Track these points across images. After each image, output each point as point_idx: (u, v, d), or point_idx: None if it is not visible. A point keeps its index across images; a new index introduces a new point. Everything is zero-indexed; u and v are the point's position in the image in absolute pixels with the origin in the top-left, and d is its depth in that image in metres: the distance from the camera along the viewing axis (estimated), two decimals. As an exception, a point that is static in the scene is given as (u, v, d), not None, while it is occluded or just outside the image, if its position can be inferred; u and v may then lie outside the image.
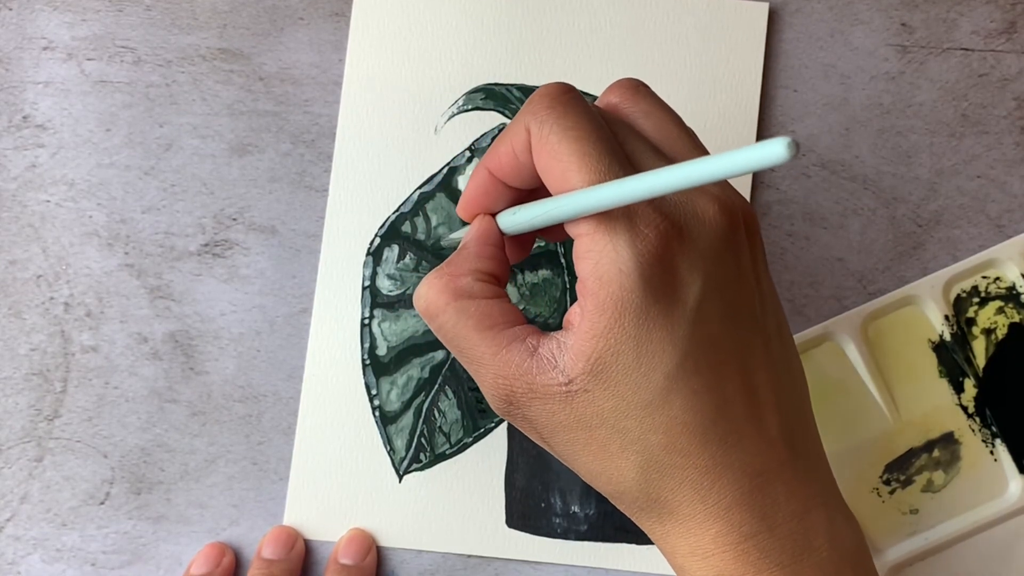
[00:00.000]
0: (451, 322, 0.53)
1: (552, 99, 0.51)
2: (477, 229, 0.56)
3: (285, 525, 0.72)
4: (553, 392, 0.50)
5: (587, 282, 0.49)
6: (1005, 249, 0.73)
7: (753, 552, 0.51)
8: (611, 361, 0.49)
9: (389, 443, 0.72)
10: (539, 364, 0.51)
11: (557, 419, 0.51)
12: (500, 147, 0.54)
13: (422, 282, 0.54)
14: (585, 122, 0.50)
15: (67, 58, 0.74)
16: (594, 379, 0.49)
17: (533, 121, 0.51)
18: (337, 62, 0.74)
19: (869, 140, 0.74)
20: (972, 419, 0.72)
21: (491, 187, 0.56)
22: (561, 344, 0.50)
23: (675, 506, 0.51)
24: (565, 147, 0.50)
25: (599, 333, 0.49)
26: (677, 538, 0.52)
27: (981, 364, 0.72)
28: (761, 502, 0.51)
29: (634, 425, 0.50)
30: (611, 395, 0.49)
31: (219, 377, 0.72)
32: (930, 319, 0.73)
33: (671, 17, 0.74)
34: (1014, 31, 0.75)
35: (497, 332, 0.52)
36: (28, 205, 0.73)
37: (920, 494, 0.71)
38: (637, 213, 0.49)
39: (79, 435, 0.72)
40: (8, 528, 0.72)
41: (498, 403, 0.53)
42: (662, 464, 0.50)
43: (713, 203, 0.51)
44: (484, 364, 0.52)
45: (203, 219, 0.73)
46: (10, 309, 0.72)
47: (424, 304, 0.54)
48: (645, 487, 0.51)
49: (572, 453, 0.52)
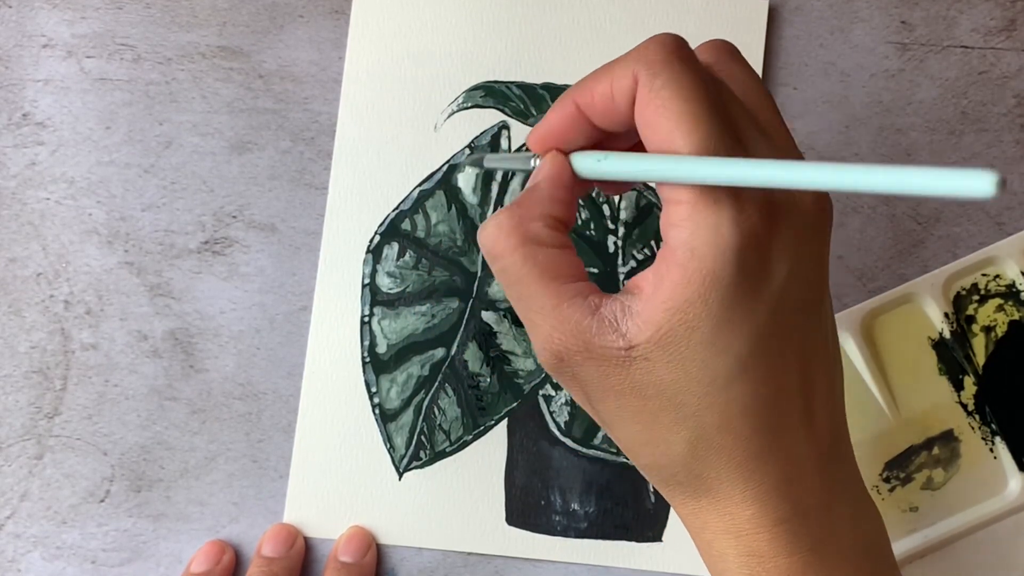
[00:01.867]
0: (516, 266, 0.50)
1: (669, 51, 0.48)
2: (552, 168, 0.53)
3: (285, 523, 0.72)
4: (611, 355, 0.49)
5: (677, 252, 0.47)
6: (1005, 247, 0.73)
7: (785, 535, 0.51)
8: (684, 335, 0.47)
9: (389, 441, 0.72)
10: (599, 324, 0.49)
11: (610, 383, 0.50)
12: (597, 85, 0.51)
13: (491, 219, 0.51)
14: (699, 83, 0.48)
15: (67, 56, 0.74)
16: (660, 349, 0.48)
17: (645, 71, 0.48)
18: (337, 60, 0.74)
19: (869, 138, 0.74)
20: (972, 417, 0.72)
21: (574, 122, 0.52)
22: (626, 308, 0.49)
23: (715, 484, 0.51)
24: (676, 106, 0.47)
25: (679, 306, 0.47)
26: (710, 515, 0.52)
27: (981, 362, 0.72)
28: (798, 489, 0.51)
29: (693, 401, 0.49)
30: (674, 368, 0.48)
31: (219, 375, 0.73)
32: (930, 317, 0.73)
33: (671, 14, 0.74)
34: (1014, 29, 0.75)
35: (561, 284, 0.50)
36: (28, 203, 0.73)
37: (920, 492, 0.71)
38: (743, 189, 0.47)
39: (79, 433, 0.72)
40: (8, 526, 0.72)
41: (548, 358, 0.51)
42: (712, 444, 0.49)
43: (810, 194, 0.49)
44: (542, 316, 0.50)
45: (203, 217, 0.73)
46: (10, 307, 0.72)
47: (492, 243, 0.51)
48: (690, 463, 0.50)
49: (619, 420, 0.51)
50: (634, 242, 0.73)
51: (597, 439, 0.73)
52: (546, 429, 0.72)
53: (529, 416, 0.73)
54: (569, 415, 0.73)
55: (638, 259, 0.73)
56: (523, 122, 0.74)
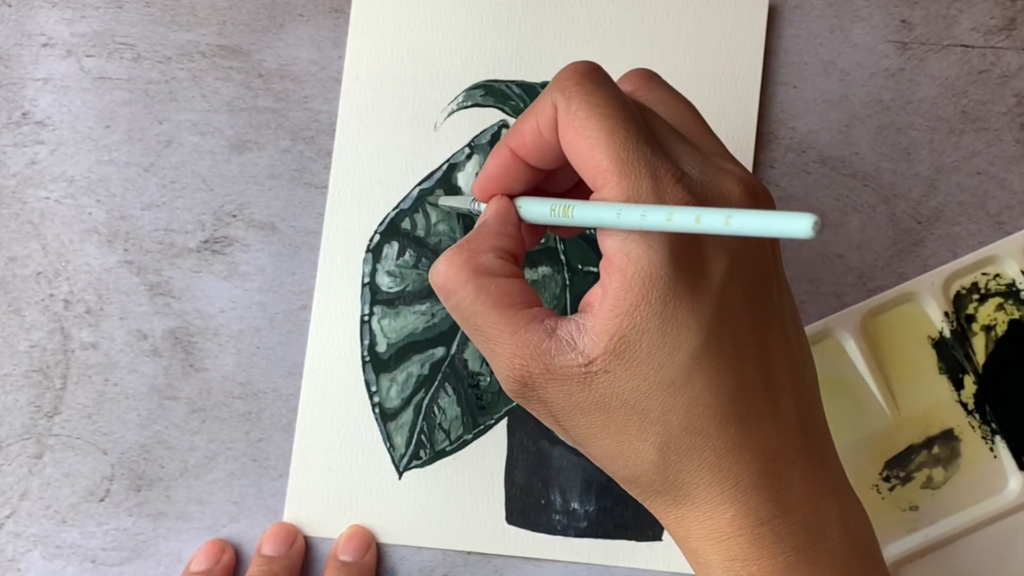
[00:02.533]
0: (469, 299, 0.52)
1: (580, 75, 0.51)
2: (497, 207, 0.55)
3: (285, 522, 0.72)
4: (572, 373, 0.50)
5: (614, 259, 0.49)
6: (1005, 246, 0.73)
7: (768, 536, 0.51)
8: (635, 339, 0.48)
9: (389, 440, 0.72)
10: (558, 345, 0.50)
11: (574, 401, 0.50)
12: (524, 124, 0.53)
13: (441, 257, 0.53)
14: (613, 100, 0.50)
15: (66, 55, 0.74)
16: (616, 359, 0.49)
17: (560, 97, 0.50)
18: (337, 58, 0.74)
19: (869, 137, 0.74)
20: (972, 416, 0.72)
21: (512, 167, 0.55)
22: (580, 326, 0.50)
23: (692, 489, 0.51)
24: (593, 123, 0.49)
25: (624, 311, 0.48)
26: (692, 522, 0.52)
27: (981, 361, 0.72)
28: (776, 486, 0.51)
29: (655, 406, 0.49)
30: (633, 375, 0.49)
31: (219, 374, 0.72)
32: (930, 316, 0.73)
33: (671, 14, 0.74)
34: (1014, 28, 0.75)
35: (516, 311, 0.51)
36: (28, 202, 0.73)
37: (920, 491, 0.71)
38: (665, 191, 0.48)
39: (79, 432, 0.72)
40: (8, 525, 0.72)
41: (512, 385, 0.52)
42: (681, 446, 0.50)
43: (738, 184, 0.50)
44: (500, 343, 0.51)
45: (203, 216, 0.73)
46: (10, 306, 0.72)
47: (443, 280, 0.53)
48: (663, 469, 0.51)
49: (589, 436, 0.52)
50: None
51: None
52: (546, 428, 0.72)
53: (529, 415, 0.72)
54: (569, 414, 0.73)
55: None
56: (523, 121, 0.74)
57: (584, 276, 0.73)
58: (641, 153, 0.49)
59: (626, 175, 0.48)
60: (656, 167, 0.49)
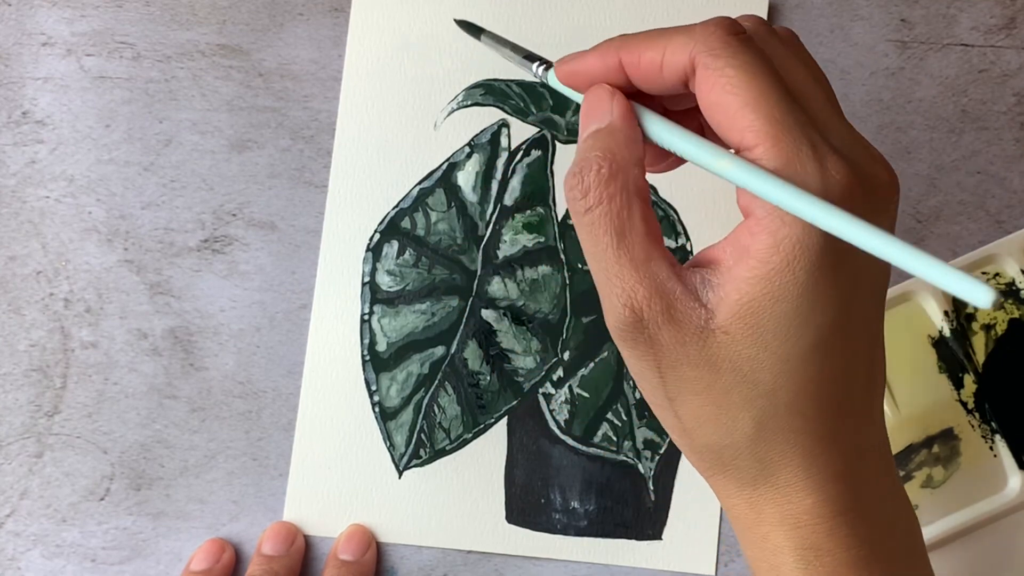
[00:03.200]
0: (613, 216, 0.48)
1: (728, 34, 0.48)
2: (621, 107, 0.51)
3: (285, 521, 0.72)
4: (691, 323, 0.47)
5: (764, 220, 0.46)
6: (1005, 245, 0.73)
7: (843, 528, 0.50)
8: (768, 307, 0.46)
9: (389, 439, 0.72)
10: (684, 289, 0.47)
11: (685, 352, 0.48)
12: (647, 50, 0.49)
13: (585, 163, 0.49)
14: (761, 63, 0.47)
15: (66, 54, 0.74)
16: (741, 322, 0.47)
17: (705, 53, 0.47)
18: (336, 58, 0.74)
19: (869, 135, 0.74)
20: (972, 415, 0.72)
21: (611, 72, 0.51)
22: (705, 280, 0.47)
23: (777, 469, 0.50)
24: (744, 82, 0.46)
25: (764, 274, 0.46)
26: (768, 504, 0.50)
27: (981, 360, 0.72)
28: (858, 479, 0.50)
29: (768, 378, 0.47)
30: (754, 342, 0.47)
31: (219, 373, 0.73)
32: (930, 315, 0.72)
33: (670, 13, 0.74)
34: (1014, 27, 0.75)
35: (651, 242, 0.48)
36: (28, 201, 0.73)
37: (920, 490, 0.71)
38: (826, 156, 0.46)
39: (79, 431, 0.72)
40: (8, 524, 0.72)
41: (628, 315, 0.48)
42: (781, 425, 0.48)
43: (885, 170, 0.48)
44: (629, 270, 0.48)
45: (203, 215, 0.73)
46: (10, 305, 0.72)
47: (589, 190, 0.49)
48: (755, 445, 0.49)
49: (687, 392, 0.49)
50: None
51: (597, 437, 0.73)
52: (546, 427, 0.72)
53: (529, 414, 0.73)
54: (569, 413, 0.73)
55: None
56: (523, 120, 0.74)
57: (584, 275, 0.73)
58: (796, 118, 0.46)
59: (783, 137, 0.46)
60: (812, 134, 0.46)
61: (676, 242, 0.73)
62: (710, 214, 0.73)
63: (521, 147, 0.74)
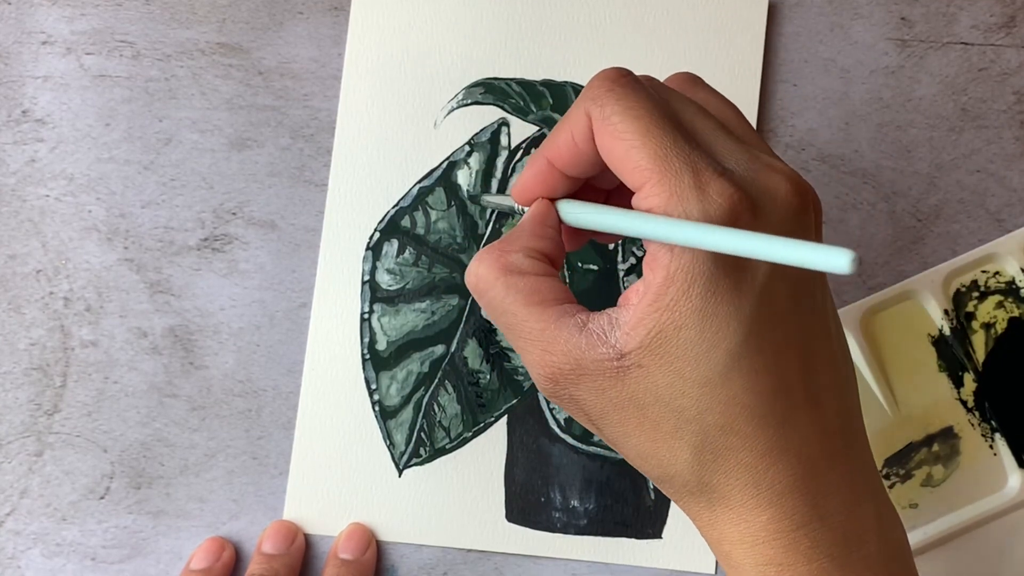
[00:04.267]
0: (500, 296, 0.52)
1: (611, 81, 0.50)
2: (535, 211, 0.55)
3: (285, 519, 0.72)
4: (603, 368, 0.49)
5: (658, 254, 0.48)
6: (1005, 243, 0.73)
7: (804, 541, 0.50)
8: (672, 334, 0.48)
9: (389, 438, 0.72)
10: (588, 339, 0.49)
11: (607, 396, 0.50)
12: (559, 136, 0.53)
13: (474, 258, 0.53)
14: (645, 101, 0.49)
15: (66, 52, 0.74)
16: (650, 353, 0.48)
17: (593, 105, 0.50)
18: (336, 56, 0.74)
19: (869, 134, 0.74)
20: (972, 413, 0.72)
21: (549, 176, 0.54)
22: (613, 320, 0.49)
23: (727, 491, 0.50)
24: (628, 125, 0.49)
25: (665, 305, 0.47)
26: (726, 524, 0.51)
27: (981, 358, 0.72)
28: (814, 490, 0.50)
29: (690, 404, 0.48)
30: (668, 371, 0.48)
31: (219, 372, 0.73)
32: (930, 313, 0.73)
33: (670, 11, 0.74)
34: (1014, 25, 0.75)
35: (545, 308, 0.51)
36: (27, 200, 0.73)
37: (919, 488, 0.71)
38: (708, 183, 0.47)
39: (79, 430, 0.72)
40: (8, 523, 0.72)
41: (544, 382, 0.51)
42: (717, 446, 0.49)
43: (786, 182, 0.49)
44: (531, 340, 0.51)
45: (202, 214, 0.73)
46: (10, 304, 0.72)
47: (475, 279, 0.53)
48: (698, 470, 0.50)
49: (622, 435, 0.51)
50: (633, 239, 0.73)
51: (597, 436, 0.73)
52: (546, 426, 0.72)
53: (529, 413, 0.73)
54: (569, 412, 0.73)
55: (637, 255, 0.73)
56: (522, 118, 0.74)
57: (584, 274, 0.73)
58: (679, 149, 0.48)
59: (666, 172, 0.48)
60: (696, 162, 0.48)
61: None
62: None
63: (521, 146, 0.74)
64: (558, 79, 0.74)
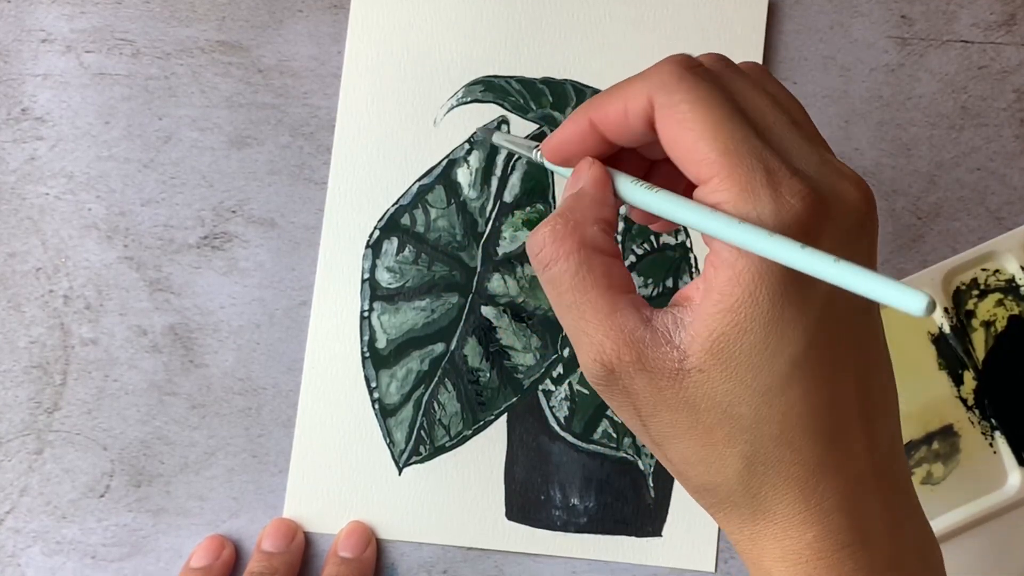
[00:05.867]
0: (571, 272, 0.49)
1: (682, 69, 0.48)
2: (594, 173, 0.52)
3: (285, 517, 0.72)
4: (664, 367, 0.47)
5: (722, 252, 0.46)
6: (1004, 241, 0.73)
7: (848, 563, 0.49)
8: (736, 339, 0.46)
9: (389, 436, 0.72)
10: (653, 335, 0.47)
11: (662, 396, 0.48)
12: (610, 104, 0.50)
13: (542, 224, 0.50)
14: (716, 93, 0.47)
15: (66, 50, 0.74)
16: (713, 357, 0.46)
17: (660, 92, 0.48)
18: (336, 54, 0.74)
19: (869, 132, 0.74)
20: (971, 411, 0.72)
21: (587, 136, 0.52)
22: (677, 319, 0.47)
23: (773, 504, 0.49)
24: (698, 115, 0.46)
25: (729, 307, 0.46)
26: (768, 540, 0.50)
27: (980, 356, 0.72)
28: (860, 510, 0.49)
29: (748, 412, 0.47)
30: (728, 377, 0.46)
31: (218, 370, 0.73)
32: (929, 311, 0.73)
33: (670, 8, 0.74)
34: (1014, 23, 0.75)
35: (615, 294, 0.49)
36: (27, 198, 0.73)
37: (920, 486, 0.71)
38: (781, 182, 0.45)
39: (79, 428, 0.72)
40: (8, 521, 0.72)
41: (599, 369, 0.49)
42: (770, 457, 0.48)
43: (856, 188, 0.48)
44: (594, 324, 0.49)
45: (202, 212, 0.73)
46: (9, 302, 0.72)
47: (545, 248, 0.50)
48: (747, 481, 0.49)
49: (670, 436, 0.49)
50: (634, 237, 0.73)
51: (597, 434, 0.73)
52: (546, 424, 0.72)
53: (529, 411, 0.73)
54: (569, 410, 0.73)
55: (638, 254, 0.73)
56: (522, 116, 0.74)
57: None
58: (751, 145, 0.46)
59: (737, 167, 0.46)
60: (768, 159, 0.46)
61: (676, 238, 0.73)
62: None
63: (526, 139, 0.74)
64: (558, 77, 0.74)
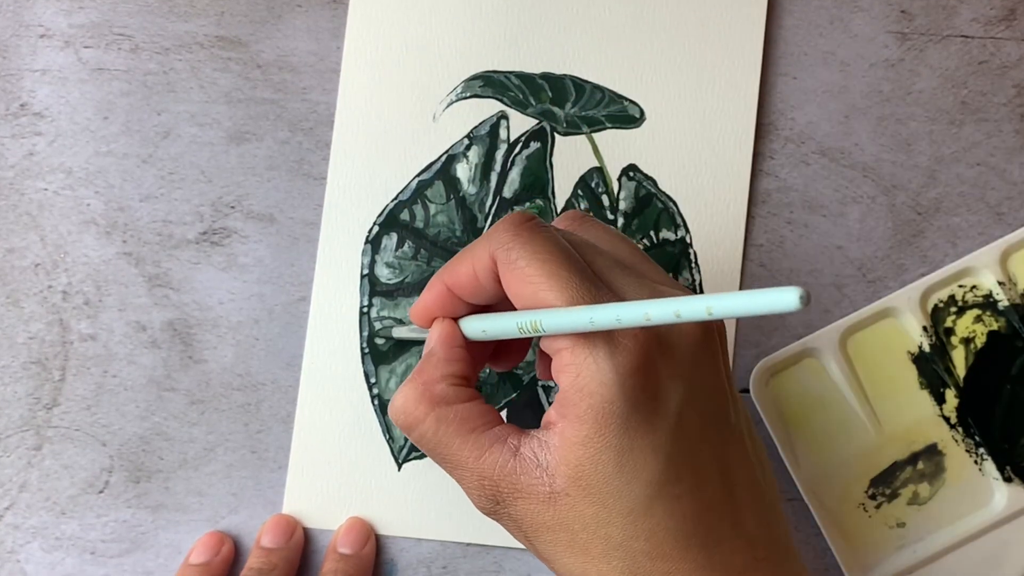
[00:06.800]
0: (431, 431, 0.53)
1: (516, 226, 0.52)
2: (441, 332, 0.57)
3: (284, 513, 0.72)
4: (538, 492, 0.51)
5: (567, 393, 0.49)
6: (980, 257, 0.73)
7: None
8: (591, 470, 0.49)
9: (388, 432, 0.72)
10: (522, 464, 0.51)
11: (541, 519, 0.51)
12: (460, 267, 0.55)
13: (396, 394, 0.55)
14: (550, 245, 0.51)
15: (64, 46, 0.74)
16: (575, 484, 0.50)
17: (499, 249, 0.52)
18: (335, 49, 0.74)
19: (869, 128, 0.74)
20: (955, 429, 0.72)
21: (448, 300, 0.57)
22: (543, 443, 0.51)
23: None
24: (534, 269, 0.50)
25: (579, 442, 0.49)
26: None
27: (961, 374, 0.72)
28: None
29: (617, 532, 0.50)
30: (592, 502, 0.50)
31: (217, 365, 0.73)
32: (908, 331, 0.72)
33: (670, 4, 0.74)
34: (1014, 18, 0.75)
35: (478, 435, 0.53)
36: (26, 193, 0.73)
37: (906, 507, 0.72)
38: None
39: (78, 423, 0.72)
40: (7, 517, 0.72)
41: (484, 503, 0.53)
42: (645, 570, 0.50)
43: None
44: (467, 468, 0.53)
45: (201, 207, 0.73)
46: (8, 298, 0.72)
47: (402, 416, 0.54)
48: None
49: (554, 554, 0.52)
50: (633, 232, 0.73)
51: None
52: (544, 421, 0.73)
53: (528, 407, 0.73)
54: (567, 407, 0.73)
55: (636, 250, 0.73)
56: (521, 112, 0.74)
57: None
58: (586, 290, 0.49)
59: None
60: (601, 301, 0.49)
61: (676, 234, 0.73)
62: (709, 206, 0.73)
63: (520, 139, 0.74)
64: (557, 72, 0.74)
